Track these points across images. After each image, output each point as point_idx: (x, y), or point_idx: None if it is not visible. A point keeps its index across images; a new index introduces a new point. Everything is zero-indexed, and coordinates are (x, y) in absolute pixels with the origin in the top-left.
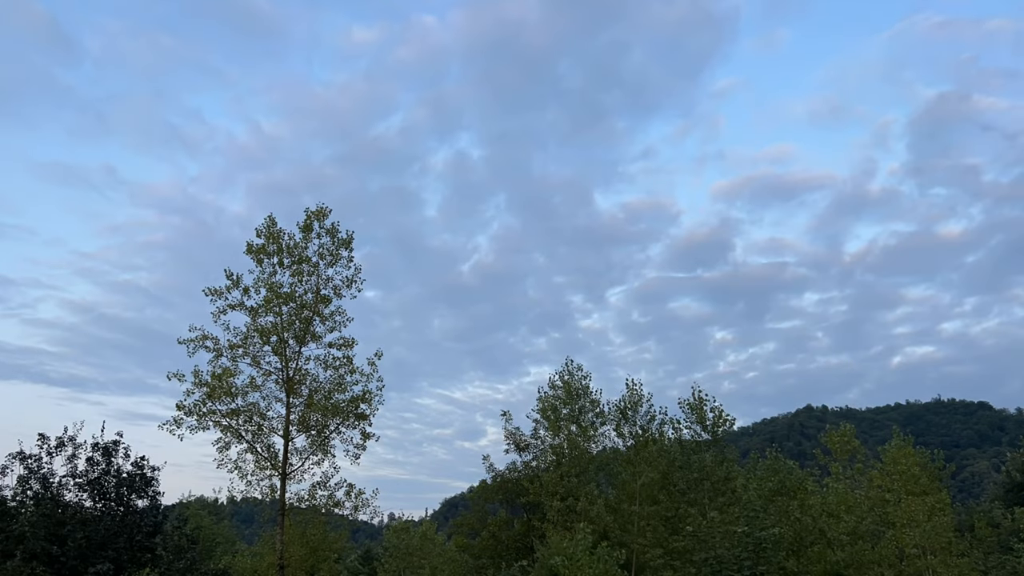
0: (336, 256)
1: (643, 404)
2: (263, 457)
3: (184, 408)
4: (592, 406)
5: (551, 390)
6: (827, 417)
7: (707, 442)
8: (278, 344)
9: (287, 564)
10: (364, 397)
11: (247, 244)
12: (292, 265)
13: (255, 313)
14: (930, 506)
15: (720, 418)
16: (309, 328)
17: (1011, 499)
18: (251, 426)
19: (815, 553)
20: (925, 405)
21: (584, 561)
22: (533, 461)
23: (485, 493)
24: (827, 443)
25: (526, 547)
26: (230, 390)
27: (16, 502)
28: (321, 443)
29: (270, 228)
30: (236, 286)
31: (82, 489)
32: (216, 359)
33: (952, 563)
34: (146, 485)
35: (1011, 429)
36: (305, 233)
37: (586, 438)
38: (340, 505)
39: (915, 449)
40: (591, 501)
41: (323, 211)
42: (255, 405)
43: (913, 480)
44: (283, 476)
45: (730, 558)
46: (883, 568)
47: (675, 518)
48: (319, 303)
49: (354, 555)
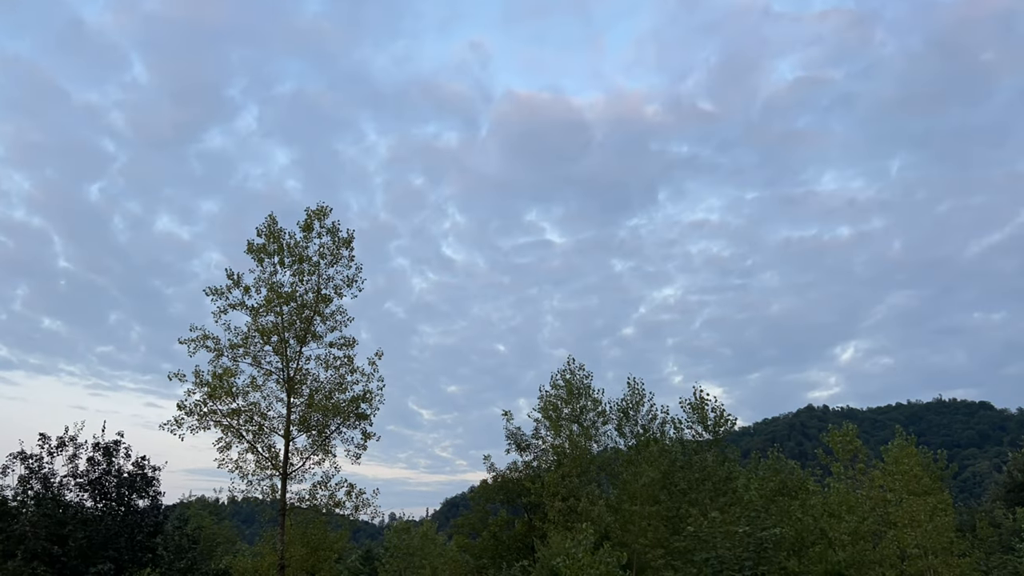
0: (337, 255)
1: (644, 404)
2: (264, 457)
3: (185, 408)
4: (594, 405)
5: (553, 389)
6: (828, 417)
7: (708, 442)
8: (279, 344)
9: (288, 564)
10: (365, 397)
11: (248, 243)
12: (293, 264)
13: (256, 313)
14: (932, 506)
15: (721, 418)
16: (310, 328)
17: (1012, 499)
18: (252, 426)
19: (816, 553)
20: (926, 405)
21: (585, 561)
22: (534, 461)
23: (486, 493)
24: (829, 443)
25: (527, 547)
26: (231, 390)
27: (17, 502)
28: (322, 443)
29: (271, 227)
30: (237, 286)
31: (83, 489)
32: (217, 359)
33: (954, 563)
34: (147, 485)
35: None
36: (305, 232)
37: (587, 438)
38: (341, 505)
39: (917, 449)
40: (592, 501)
41: (323, 210)
42: (256, 405)
43: (915, 480)
44: (284, 476)
45: (731, 558)
46: (884, 568)
47: (676, 518)
48: (320, 303)
49: (355, 555)
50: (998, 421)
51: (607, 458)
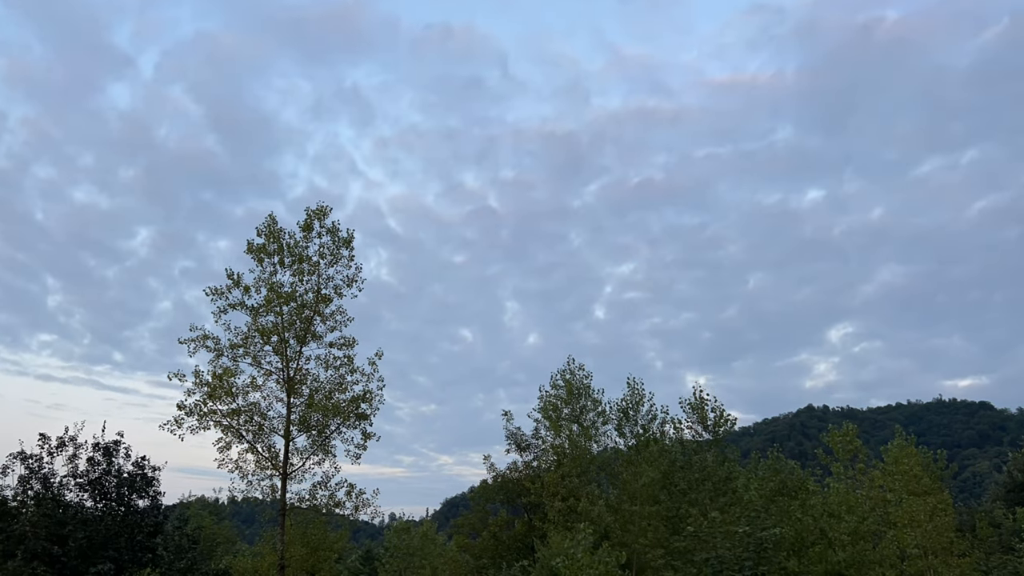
0: (337, 255)
1: (644, 403)
2: (264, 457)
3: (185, 408)
4: (593, 405)
5: (552, 389)
6: (828, 417)
7: (708, 442)
8: (279, 344)
9: (288, 564)
10: (365, 397)
11: (248, 243)
12: (293, 264)
13: (256, 313)
14: (932, 506)
15: (721, 418)
16: (310, 328)
17: (1012, 499)
18: (252, 426)
19: (816, 553)
20: (926, 405)
21: (585, 561)
22: (534, 461)
23: (486, 493)
24: (829, 443)
25: (527, 547)
26: (231, 390)
27: (17, 502)
28: (322, 443)
29: (270, 227)
30: (237, 285)
31: (83, 489)
32: (217, 359)
33: (953, 563)
34: (147, 485)
35: (1012, 429)
36: (305, 232)
37: (587, 438)
38: (341, 505)
39: (917, 449)
40: (592, 501)
41: (323, 210)
42: (256, 405)
43: (915, 480)
44: (284, 476)
45: (731, 558)
46: (884, 568)
47: (676, 518)
48: (320, 303)
49: (355, 555)
50: (998, 421)
51: (607, 458)
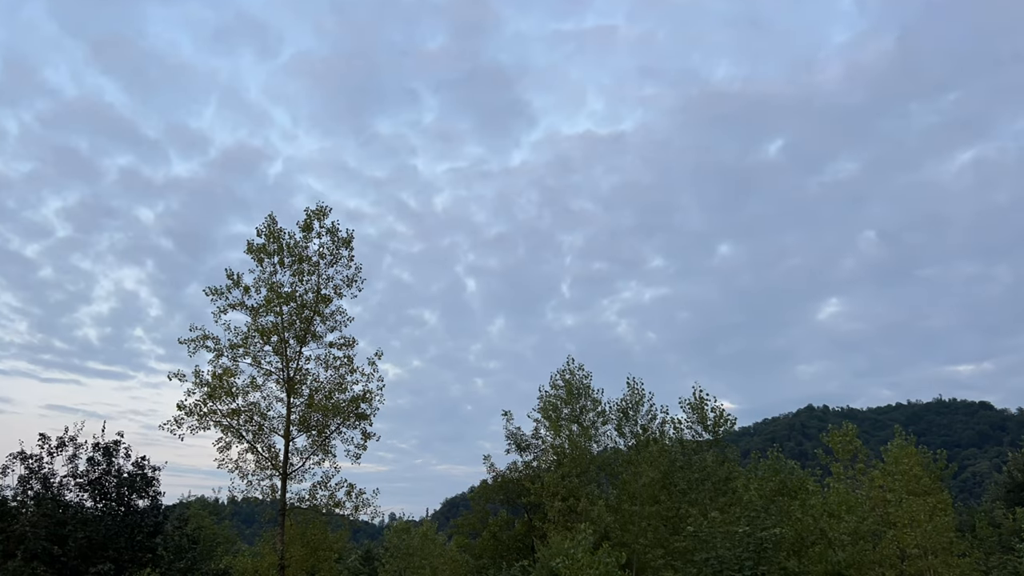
0: (336, 256)
1: (644, 403)
2: (264, 457)
3: (185, 408)
4: (593, 405)
5: (552, 389)
6: (828, 417)
7: (708, 442)
8: (279, 344)
9: (288, 564)
10: (365, 397)
11: (247, 243)
12: (292, 264)
13: (256, 313)
14: (931, 506)
15: (721, 418)
16: (310, 328)
17: (1012, 499)
18: (252, 426)
19: (816, 553)
20: (926, 405)
21: (585, 561)
22: (534, 461)
23: (486, 493)
24: (829, 443)
25: (527, 547)
26: (231, 390)
27: (17, 502)
28: (322, 443)
29: (270, 227)
30: (237, 286)
31: (83, 489)
32: (217, 359)
33: (953, 563)
34: (147, 485)
35: (1012, 429)
36: (305, 232)
37: (587, 438)
38: (341, 505)
39: (917, 449)
40: (592, 501)
41: (323, 210)
42: (256, 405)
43: (915, 480)
44: (284, 476)
45: (731, 558)
46: (884, 568)
47: (676, 518)
48: (319, 303)
49: (355, 555)
50: (998, 421)
51: (607, 458)
